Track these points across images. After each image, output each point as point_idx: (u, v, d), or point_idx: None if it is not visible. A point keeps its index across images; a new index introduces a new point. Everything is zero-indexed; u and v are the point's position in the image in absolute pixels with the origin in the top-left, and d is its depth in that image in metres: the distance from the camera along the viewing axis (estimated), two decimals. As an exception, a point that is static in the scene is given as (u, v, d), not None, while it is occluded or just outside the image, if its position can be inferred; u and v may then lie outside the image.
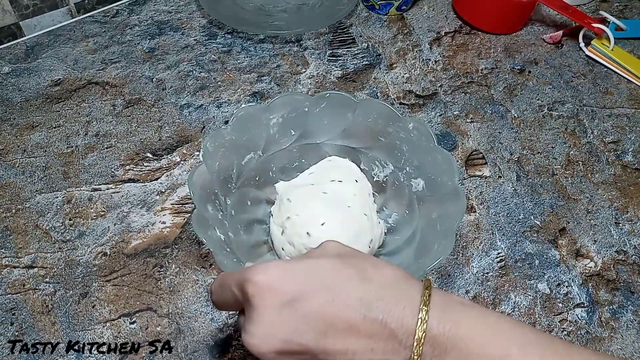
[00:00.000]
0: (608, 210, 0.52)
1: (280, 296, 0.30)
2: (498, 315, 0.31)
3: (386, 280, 0.31)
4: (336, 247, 0.34)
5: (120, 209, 0.49)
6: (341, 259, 0.32)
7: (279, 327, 0.30)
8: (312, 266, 0.31)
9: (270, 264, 0.31)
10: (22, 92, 0.58)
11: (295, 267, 0.31)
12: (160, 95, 0.59)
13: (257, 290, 0.30)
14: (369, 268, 0.32)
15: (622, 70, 0.63)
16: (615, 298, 0.46)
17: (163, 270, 0.46)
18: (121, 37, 0.64)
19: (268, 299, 0.30)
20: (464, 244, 0.49)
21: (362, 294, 0.30)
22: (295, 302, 0.30)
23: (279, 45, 0.65)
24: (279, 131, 0.48)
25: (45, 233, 0.48)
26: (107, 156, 0.53)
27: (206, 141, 0.43)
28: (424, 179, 0.46)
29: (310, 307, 0.30)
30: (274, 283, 0.30)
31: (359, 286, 0.30)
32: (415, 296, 0.30)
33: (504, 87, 0.62)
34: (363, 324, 0.29)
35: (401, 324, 0.29)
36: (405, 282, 0.31)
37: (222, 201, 0.44)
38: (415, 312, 0.30)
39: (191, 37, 0.65)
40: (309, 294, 0.30)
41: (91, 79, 0.60)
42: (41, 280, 0.45)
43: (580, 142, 0.57)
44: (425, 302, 0.30)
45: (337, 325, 0.30)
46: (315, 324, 0.30)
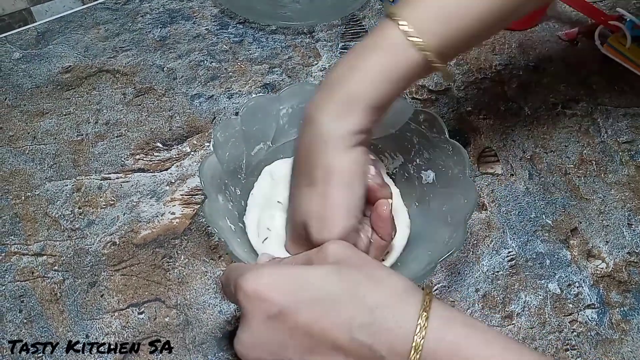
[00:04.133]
0: (621, 211, 0.51)
1: (268, 307, 0.29)
2: (505, 343, 0.29)
3: (381, 298, 0.30)
4: (337, 251, 0.32)
5: (129, 199, 0.49)
6: (337, 269, 0.31)
7: (264, 338, 0.30)
8: (305, 276, 0.30)
9: (264, 271, 0.31)
10: (32, 78, 0.58)
11: (288, 275, 0.31)
12: (171, 85, 0.58)
13: (246, 297, 0.30)
14: (365, 282, 0.30)
15: (638, 69, 0.62)
16: (626, 300, 0.46)
17: (172, 261, 0.46)
18: (132, 25, 0.64)
19: (255, 309, 0.30)
20: (475, 242, 0.48)
21: (353, 313, 0.29)
22: (283, 315, 0.29)
23: (291, 36, 0.64)
24: (288, 122, 0.47)
25: (55, 221, 0.48)
26: (117, 145, 0.53)
27: (216, 131, 0.43)
28: (434, 170, 0.45)
29: (297, 322, 0.29)
30: (263, 293, 0.29)
31: (351, 304, 0.29)
32: (411, 319, 0.28)
33: (518, 84, 0.61)
34: (350, 346, 0.28)
35: (392, 351, 0.28)
36: (403, 299, 0.30)
37: (232, 191, 0.44)
38: (409, 339, 0.28)
39: (203, 26, 0.64)
40: (298, 308, 0.29)
41: (102, 66, 0.59)
42: (50, 268, 0.45)
43: (594, 141, 0.56)
44: (422, 327, 0.28)
45: (323, 343, 0.29)
46: (301, 339, 0.29)
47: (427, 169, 0.46)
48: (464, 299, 0.45)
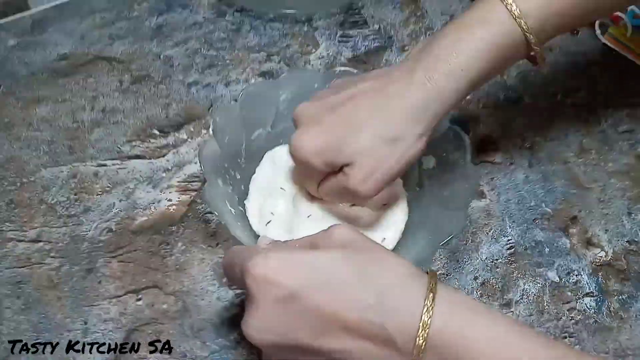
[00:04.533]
0: (620, 200, 0.51)
1: (278, 290, 0.29)
2: (508, 323, 0.30)
3: (389, 278, 0.30)
4: (342, 235, 0.32)
5: (126, 185, 0.49)
6: (344, 252, 0.31)
7: (274, 322, 0.30)
8: (313, 260, 0.31)
9: (271, 255, 0.31)
10: (28, 65, 0.57)
11: (295, 259, 0.31)
12: (167, 73, 0.58)
13: (254, 281, 0.30)
14: (372, 265, 0.31)
15: (639, 59, 0.62)
16: (625, 288, 0.46)
17: (169, 248, 0.45)
18: (129, 13, 0.63)
19: (266, 293, 0.30)
20: (474, 230, 0.48)
21: (362, 294, 0.29)
22: (293, 298, 0.29)
23: (289, 24, 0.63)
24: (288, 107, 0.47)
25: (51, 207, 0.47)
26: (113, 132, 0.53)
27: (216, 115, 0.43)
28: (435, 156, 0.45)
29: (307, 304, 0.29)
30: (272, 277, 0.30)
31: (360, 285, 0.30)
32: (418, 300, 0.29)
33: (518, 73, 0.61)
34: (360, 326, 0.29)
35: (401, 330, 0.29)
36: (409, 281, 0.30)
37: (232, 175, 0.44)
38: (416, 318, 0.28)
39: (200, 14, 0.64)
40: (307, 291, 0.29)
41: (98, 54, 0.59)
42: (47, 255, 0.45)
43: (594, 130, 0.56)
44: (429, 307, 0.29)
45: (333, 324, 0.29)
46: (312, 321, 0.29)
47: (428, 155, 0.46)
48: (462, 286, 0.45)
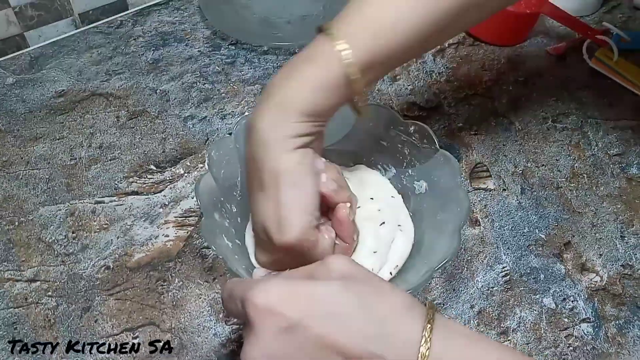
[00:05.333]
0: (613, 224, 0.52)
1: (279, 321, 0.29)
2: (504, 353, 0.31)
3: (388, 310, 0.30)
4: (341, 266, 0.33)
5: (123, 222, 0.49)
6: (344, 283, 0.31)
7: (275, 352, 0.30)
8: (316, 291, 0.31)
9: (272, 284, 0.31)
10: (26, 103, 0.58)
11: (297, 290, 0.31)
12: (164, 107, 0.59)
13: (256, 312, 0.30)
14: (372, 295, 0.31)
15: (626, 82, 0.63)
16: (621, 313, 0.46)
17: (166, 285, 0.46)
18: (125, 48, 0.64)
19: (266, 323, 0.30)
20: (469, 258, 0.49)
21: (363, 325, 0.29)
22: (294, 329, 0.29)
23: (283, 56, 0.65)
24: None
25: (48, 246, 0.48)
26: (111, 168, 0.53)
27: (211, 149, 0.43)
28: (426, 181, 0.46)
29: (308, 336, 0.29)
30: (273, 307, 0.30)
31: (361, 316, 0.30)
32: (417, 331, 0.30)
33: (508, 99, 0.62)
34: (361, 357, 0.29)
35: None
36: (408, 313, 0.31)
37: (229, 209, 0.44)
38: (415, 349, 0.29)
39: (195, 48, 0.65)
40: (308, 322, 0.29)
41: (95, 90, 0.60)
42: (43, 294, 0.45)
43: (585, 154, 0.57)
44: (427, 339, 0.29)
45: (334, 355, 0.29)
46: (313, 352, 0.29)
47: (420, 180, 0.46)
48: (459, 315, 0.45)
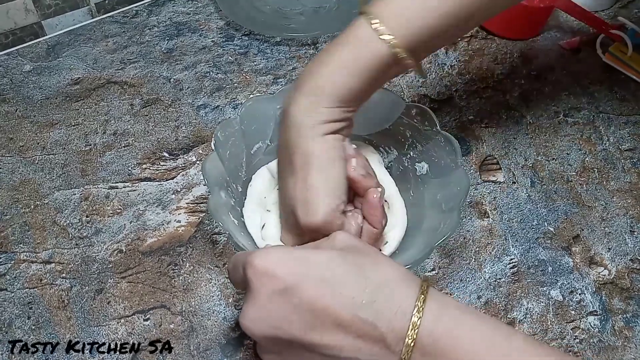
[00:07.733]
0: (623, 218, 0.51)
1: (275, 283, 0.30)
2: (495, 325, 0.31)
3: (383, 280, 0.31)
4: (344, 240, 0.34)
5: (136, 207, 0.50)
6: (343, 253, 0.32)
7: (269, 313, 0.31)
8: (312, 257, 0.32)
9: (273, 249, 0.32)
10: (42, 90, 0.59)
11: (295, 255, 0.32)
12: (177, 96, 0.59)
13: (254, 273, 0.31)
14: (368, 266, 0.32)
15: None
16: (629, 307, 0.46)
17: (177, 269, 0.46)
18: (140, 38, 0.65)
19: (263, 284, 0.31)
20: (477, 249, 0.49)
21: (356, 293, 0.30)
22: (289, 291, 0.30)
23: (295, 47, 0.65)
24: None
25: (63, 229, 0.49)
26: (125, 155, 0.54)
27: (217, 130, 0.44)
28: (427, 162, 0.47)
29: (302, 298, 0.30)
30: (271, 269, 0.31)
31: (355, 284, 0.31)
32: (410, 300, 0.30)
33: (520, 93, 0.62)
34: (352, 323, 0.30)
35: (391, 329, 0.29)
36: (402, 283, 0.31)
37: (234, 188, 0.45)
38: (407, 318, 0.29)
39: (209, 38, 0.66)
40: (303, 285, 0.30)
41: (110, 78, 0.61)
42: (58, 276, 0.46)
43: (596, 149, 0.57)
44: (419, 308, 0.29)
45: (326, 319, 0.30)
46: (305, 315, 0.30)
47: (421, 161, 0.47)
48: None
